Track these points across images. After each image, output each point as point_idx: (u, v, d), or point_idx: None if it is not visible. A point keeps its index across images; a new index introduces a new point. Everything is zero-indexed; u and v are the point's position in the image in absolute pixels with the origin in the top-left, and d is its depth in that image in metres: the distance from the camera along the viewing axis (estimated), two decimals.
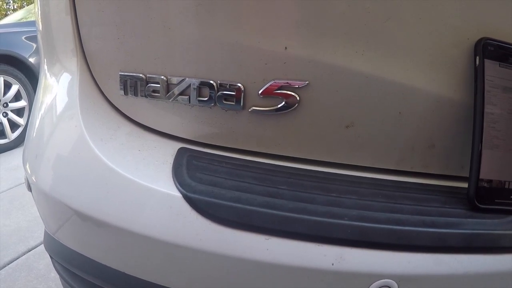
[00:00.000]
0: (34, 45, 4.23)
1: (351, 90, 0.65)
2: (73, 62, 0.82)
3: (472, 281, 0.64)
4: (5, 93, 4.02)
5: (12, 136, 4.14)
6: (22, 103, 4.21)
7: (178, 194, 0.63)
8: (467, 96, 0.66)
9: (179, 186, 0.64)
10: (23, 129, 4.24)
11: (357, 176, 0.71)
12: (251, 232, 0.61)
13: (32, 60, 4.20)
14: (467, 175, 0.67)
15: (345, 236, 0.60)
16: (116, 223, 0.68)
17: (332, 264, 0.60)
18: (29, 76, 4.25)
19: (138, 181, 0.67)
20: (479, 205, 0.66)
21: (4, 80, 3.97)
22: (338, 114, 0.67)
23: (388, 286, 0.62)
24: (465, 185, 0.69)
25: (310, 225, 0.59)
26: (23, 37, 4.18)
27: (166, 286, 0.70)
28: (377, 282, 0.62)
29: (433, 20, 0.61)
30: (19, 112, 4.23)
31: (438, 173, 0.73)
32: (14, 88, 4.09)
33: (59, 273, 0.96)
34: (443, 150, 0.70)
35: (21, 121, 4.20)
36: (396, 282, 0.62)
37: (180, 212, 0.63)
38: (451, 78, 0.65)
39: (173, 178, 0.66)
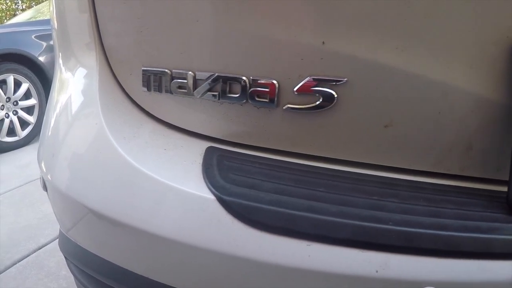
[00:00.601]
0: (44, 44, 4.31)
1: (391, 88, 0.62)
2: (92, 58, 0.78)
3: None
4: (15, 92, 4.08)
5: (22, 134, 4.22)
6: (32, 101, 4.28)
7: (211, 197, 0.60)
8: (507, 96, 0.63)
9: (212, 188, 0.60)
10: (33, 127, 4.30)
11: (394, 178, 0.68)
12: (291, 237, 0.58)
13: (42, 58, 4.27)
14: (505, 178, 0.64)
15: (390, 242, 0.57)
16: (141, 226, 0.65)
17: (376, 271, 0.57)
18: (39, 75, 4.32)
19: (165, 182, 0.63)
20: None
21: (14, 79, 4.03)
22: (377, 113, 0.64)
23: None
24: (503, 188, 0.67)
25: (354, 230, 0.56)
26: (33, 36, 4.23)
27: None
28: None
29: (474, 16, 0.59)
30: (29, 110, 4.30)
31: (474, 175, 0.70)
32: (24, 86, 4.15)
33: (74, 275, 0.93)
34: (480, 152, 0.67)
35: (31, 119, 4.28)
36: None
37: (213, 216, 0.60)
38: (490, 78, 0.62)
39: (204, 179, 0.63)
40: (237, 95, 0.66)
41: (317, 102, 0.63)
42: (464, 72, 0.62)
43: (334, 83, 0.62)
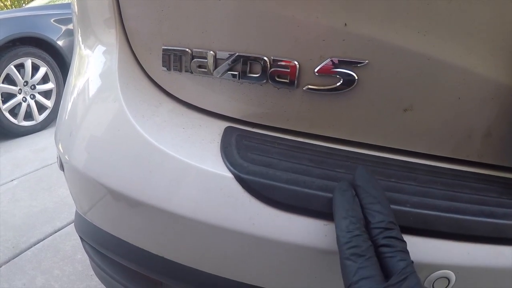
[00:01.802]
0: (63, 28, 4.29)
1: (412, 72, 0.62)
2: (112, 36, 0.79)
3: None
4: (32, 75, 4.06)
5: (39, 118, 4.21)
6: (49, 86, 4.26)
7: (229, 175, 0.60)
8: None
9: (230, 166, 0.61)
10: (50, 111, 4.30)
11: (412, 162, 0.68)
12: (308, 217, 0.58)
13: (60, 43, 4.25)
14: None
15: (407, 224, 0.57)
16: (159, 204, 0.65)
17: None
18: (57, 59, 4.30)
19: (184, 160, 0.64)
20: None
21: (32, 63, 4.01)
22: (397, 97, 0.63)
23: (446, 277, 0.59)
24: None
25: None
26: (51, 20, 4.22)
27: (213, 273, 0.67)
28: (436, 272, 0.59)
29: (498, 3, 0.58)
30: (46, 94, 4.28)
31: (492, 163, 0.70)
32: (42, 70, 4.13)
33: (89, 256, 0.94)
34: (499, 140, 0.67)
35: (48, 103, 4.27)
36: (454, 274, 0.59)
37: (231, 194, 0.60)
38: (511, 66, 0.62)
39: (222, 158, 0.63)
40: (257, 75, 0.66)
41: (337, 84, 0.63)
42: (486, 58, 0.61)
43: (355, 65, 0.62)
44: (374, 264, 0.48)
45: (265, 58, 0.64)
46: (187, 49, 0.69)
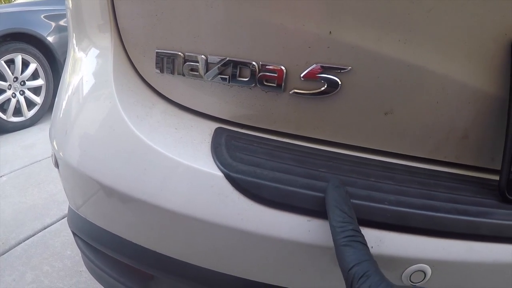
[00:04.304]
0: (53, 24, 4.24)
1: (392, 78, 0.65)
2: (106, 39, 0.81)
3: (501, 269, 0.66)
4: (22, 71, 4.03)
5: (29, 114, 4.18)
6: (39, 82, 4.23)
7: (220, 174, 0.64)
8: (503, 90, 0.66)
9: (220, 166, 0.64)
10: (40, 107, 4.26)
11: (392, 162, 0.72)
12: (293, 213, 0.62)
13: (50, 39, 4.21)
14: (498, 168, 0.68)
15: (385, 220, 0.61)
16: (151, 200, 0.68)
17: (372, 247, 0.61)
18: (47, 55, 4.26)
19: (177, 159, 0.67)
20: (509, 197, 0.67)
21: (22, 59, 3.98)
22: (378, 101, 0.67)
23: (422, 271, 0.63)
24: (495, 177, 0.71)
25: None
26: (42, 16, 4.17)
27: (202, 266, 0.71)
28: (412, 266, 0.63)
29: (474, 13, 0.61)
30: (36, 90, 4.25)
31: (469, 164, 0.74)
32: (32, 66, 4.09)
33: (81, 250, 0.96)
34: (476, 142, 0.71)
35: (37, 99, 4.23)
36: (430, 268, 0.63)
37: (221, 191, 0.63)
38: (488, 72, 0.65)
39: (213, 157, 0.66)
40: (247, 79, 0.69)
41: (322, 88, 0.67)
42: (463, 65, 0.65)
43: (339, 70, 0.65)
44: (368, 249, 0.52)
45: (254, 63, 0.67)
46: (179, 53, 0.72)
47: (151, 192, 0.68)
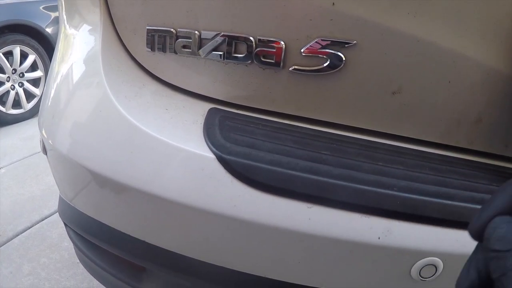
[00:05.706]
0: (52, 15, 4.20)
1: (401, 54, 0.60)
2: (96, 15, 0.77)
3: None
4: (21, 63, 3.98)
5: (28, 106, 4.13)
6: (38, 74, 4.18)
7: (211, 155, 0.59)
8: None
9: (212, 147, 0.59)
10: (39, 99, 4.19)
11: (401, 146, 0.67)
12: (292, 199, 0.57)
13: (49, 30, 4.16)
14: None
15: (394, 208, 0.55)
16: (140, 186, 0.64)
17: (379, 238, 0.56)
18: (46, 47, 4.20)
19: (166, 140, 0.62)
20: None
21: (21, 50, 3.93)
22: (385, 79, 0.62)
23: (433, 265, 0.58)
24: (510, 165, 0.66)
25: (357, 194, 0.55)
26: (40, 7, 4.14)
27: (194, 257, 0.66)
28: (422, 260, 0.58)
29: None
30: (35, 82, 4.19)
31: (483, 150, 0.69)
32: (31, 58, 4.04)
33: (73, 241, 0.92)
34: (489, 127, 0.66)
35: (36, 91, 4.19)
36: (442, 261, 0.58)
37: (213, 175, 0.58)
38: (502, 51, 0.60)
39: (205, 138, 0.61)
40: (243, 55, 0.64)
41: (325, 65, 0.61)
42: (477, 43, 0.60)
43: (342, 45, 0.60)
44: None
45: (251, 37, 0.63)
46: (171, 29, 0.67)
47: (139, 177, 0.63)
